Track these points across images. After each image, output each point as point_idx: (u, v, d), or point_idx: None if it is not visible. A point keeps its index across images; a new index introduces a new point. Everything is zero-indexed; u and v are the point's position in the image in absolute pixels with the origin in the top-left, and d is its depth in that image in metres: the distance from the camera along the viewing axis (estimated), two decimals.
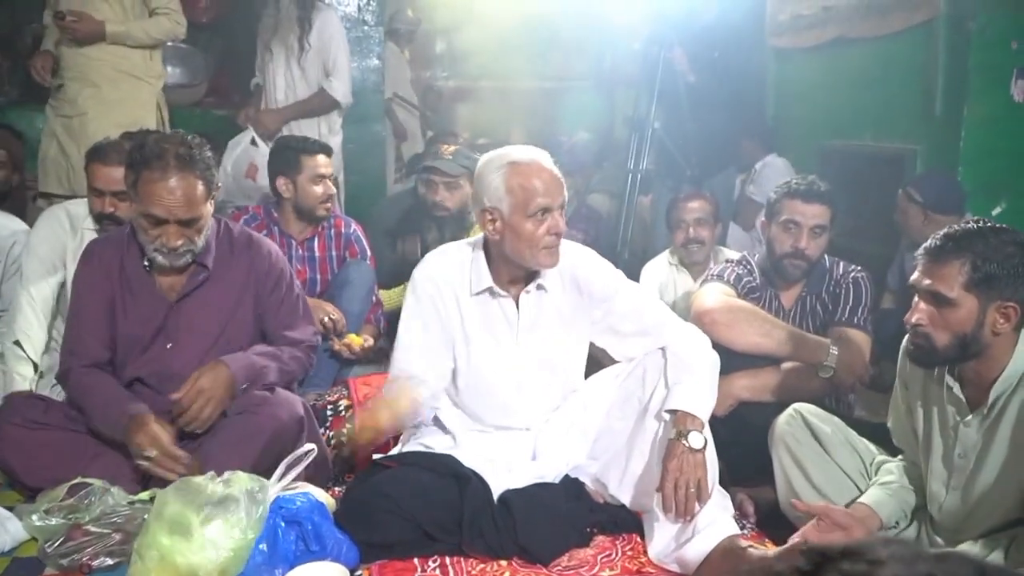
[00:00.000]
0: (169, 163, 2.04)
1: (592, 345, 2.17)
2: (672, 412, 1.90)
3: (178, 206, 2.05)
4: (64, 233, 2.65)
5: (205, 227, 2.15)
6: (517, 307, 2.06)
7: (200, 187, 2.08)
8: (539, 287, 2.05)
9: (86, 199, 2.69)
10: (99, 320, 2.18)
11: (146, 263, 2.18)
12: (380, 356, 3.05)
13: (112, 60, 3.44)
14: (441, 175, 3.31)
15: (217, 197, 2.19)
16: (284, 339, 2.29)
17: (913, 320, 1.74)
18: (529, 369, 2.08)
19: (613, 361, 2.17)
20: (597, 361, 2.21)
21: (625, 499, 2.02)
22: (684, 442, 1.84)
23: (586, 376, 2.19)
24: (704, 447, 1.86)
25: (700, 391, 1.93)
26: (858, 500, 1.93)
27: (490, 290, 2.04)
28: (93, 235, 2.64)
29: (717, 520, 1.85)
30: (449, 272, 2.06)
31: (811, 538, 1.83)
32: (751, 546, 1.81)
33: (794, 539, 1.87)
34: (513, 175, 1.94)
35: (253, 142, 3.88)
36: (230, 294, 2.23)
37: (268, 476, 1.86)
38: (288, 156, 3.03)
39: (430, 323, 2.07)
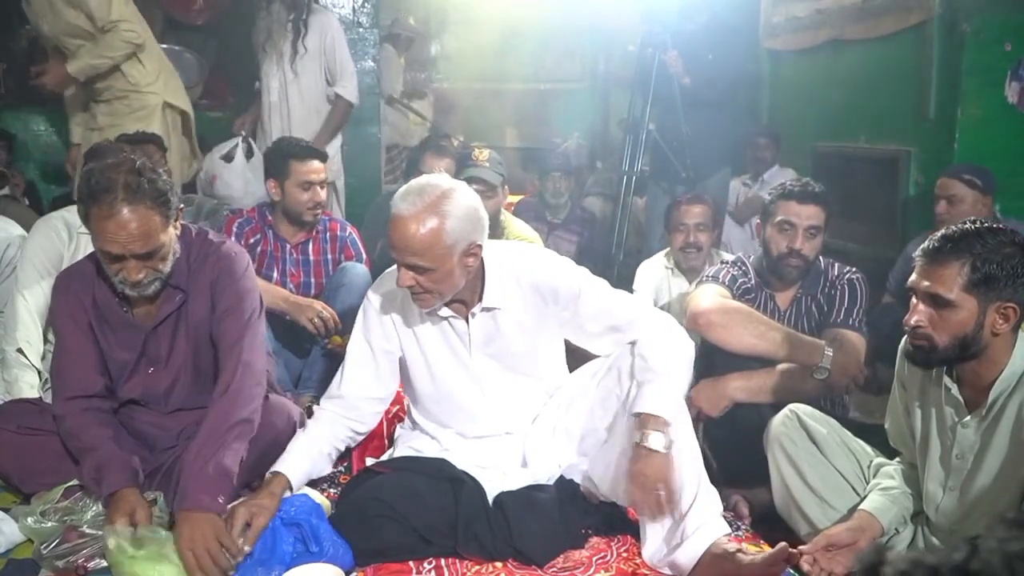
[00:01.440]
0: (118, 196, 1.87)
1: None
2: (637, 415, 1.87)
3: (133, 241, 1.90)
4: (60, 241, 2.62)
5: (169, 254, 2.00)
6: (468, 325, 2.02)
7: (155, 218, 1.92)
8: (485, 310, 1.99)
9: None
10: (85, 350, 2.08)
11: (118, 292, 2.09)
12: None
13: (113, 84, 3.57)
14: (480, 183, 3.11)
15: (180, 217, 2.05)
16: (234, 358, 2.06)
17: (912, 322, 1.73)
18: (493, 380, 2.06)
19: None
20: (584, 355, 2.19)
21: (614, 497, 2.01)
22: (645, 444, 1.81)
23: (572, 369, 2.17)
24: (668, 446, 1.81)
25: (664, 389, 1.87)
26: (860, 507, 1.92)
27: (436, 311, 2.00)
28: (88, 240, 2.63)
29: (704, 524, 1.83)
30: (394, 297, 2.03)
31: (820, 561, 1.82)
32: (739, 550, 1.80)
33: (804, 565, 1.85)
34: None
35: (225, 157, 3.89)
36: (201, 309, 2.12)
37: None
38: (278, 160, 3.00)
39: (377, 345, 2.06)
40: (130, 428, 2.12)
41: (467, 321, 2.01)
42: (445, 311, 2.00)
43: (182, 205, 2.09)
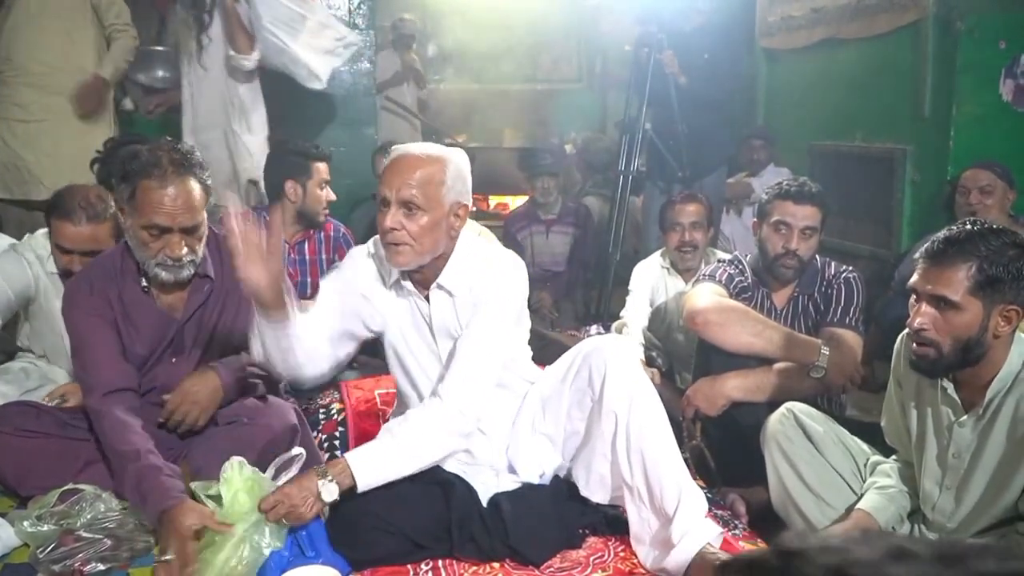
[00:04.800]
0: (167, 170, 1.99)
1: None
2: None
3: (180, 212, 2.01)
4: (25, 276, 2.56)
5: (204, 236, 2.10)
6: (429, 305, 2.00)
7: (198, 190, 2.04)
8: (439, 287, 1.96)
9: (45, 240, 2.60)
10: (109, 350, 2.09)
11: (144, 285, 2.13)
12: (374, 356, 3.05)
13: (70, 69, 3.47)
14: None
15: (209, 203, 2.15)
16: None
17: (916, 325, 1.71)
18: None
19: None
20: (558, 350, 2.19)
21: (596, 498, 2.02)
22: (320, 494, 1.80)
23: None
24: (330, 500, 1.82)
25: (384, 450, 1.86)
26: (857, 506, 1.92)
27: (399, 284, 1.99)
28: (56, 279, 2.57)
29: (689, 531, 1.81)
30: (373, 264, 2.02)
31: None
32: (725, 557, 1.79)
33: None
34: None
35: None
36: (231, 302, 2.19)
37: None
38: (299, 160, 3.06)
39: (347, 297, 2.01)
40: None
41: (428, 300, 1.99)
42: (410, 286, 1.99)
43: (212, 188, 2.15)
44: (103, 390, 2.05)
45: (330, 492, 1.80)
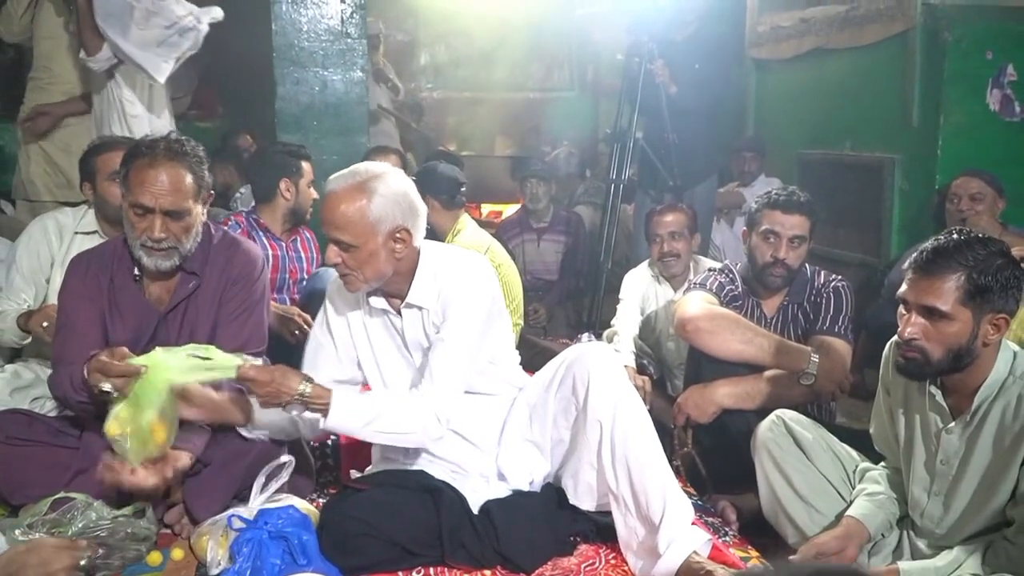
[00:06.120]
0: (159, 152, 2.05)
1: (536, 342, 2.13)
2: None
3: (164, 193, 2.03)
4: (50, 245, 2.62)
5: (194, 228, 2.10)
6: (401, 320, 2.04)
7: (188, 178, 2.06)
8: (409, 306, 2.01)
9: (74, 209, 2.69)
10: (89, 330, 2.12)
11: (136, 274, 2.15)
12: None
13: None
14: None
15: (209, 202, 2.16)
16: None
17: (906, 335, 1.72)
18: None
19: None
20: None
21: (585, 506, 2.03)
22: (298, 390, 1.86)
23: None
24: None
25: (362, 408, 1.91)
26: (847, 513, 1.92)
27: (372, 302, 2.03)
28: (83, 239, 2.62)
29: (676, 539, 1.82)
30: (344, 291, 2.04)
31: None
32: (709, 572, 1.79)
33: None
34: None
35: None
36: (214, 300, 2.19)
37: None
38: (291, 161, 3.12)
39: (337, 334, 2.09)
40: None
41: (400, 315, 2.03)
42: (382, 302, 2.02)
43: (212, 191, 2.18)
44: (61, 363, 2.08)
45: (299, 409, 1.88)
